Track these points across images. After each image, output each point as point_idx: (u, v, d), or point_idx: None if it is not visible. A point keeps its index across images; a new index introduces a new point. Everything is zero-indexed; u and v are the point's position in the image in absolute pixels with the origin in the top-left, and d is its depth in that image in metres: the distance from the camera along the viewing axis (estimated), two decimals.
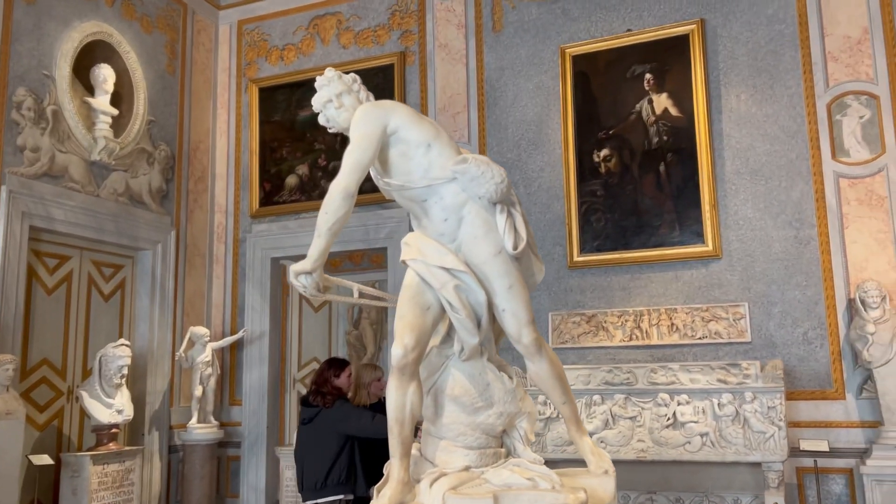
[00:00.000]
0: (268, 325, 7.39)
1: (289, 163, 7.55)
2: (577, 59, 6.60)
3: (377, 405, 5.05)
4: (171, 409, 7.04)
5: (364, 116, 2.79)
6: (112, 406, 6.08)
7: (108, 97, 6.61)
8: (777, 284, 5.84)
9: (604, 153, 6.42)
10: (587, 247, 6.36)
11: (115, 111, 6.64)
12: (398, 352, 2.64)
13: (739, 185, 6.04)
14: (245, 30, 7.97)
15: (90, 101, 6.47)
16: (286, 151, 7.57)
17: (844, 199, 5.75)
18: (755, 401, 5.29)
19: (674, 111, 6.26)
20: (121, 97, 6.79)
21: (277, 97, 7.67)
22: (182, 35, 7.61)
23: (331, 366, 4.93)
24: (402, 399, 2.66)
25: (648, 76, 6.36)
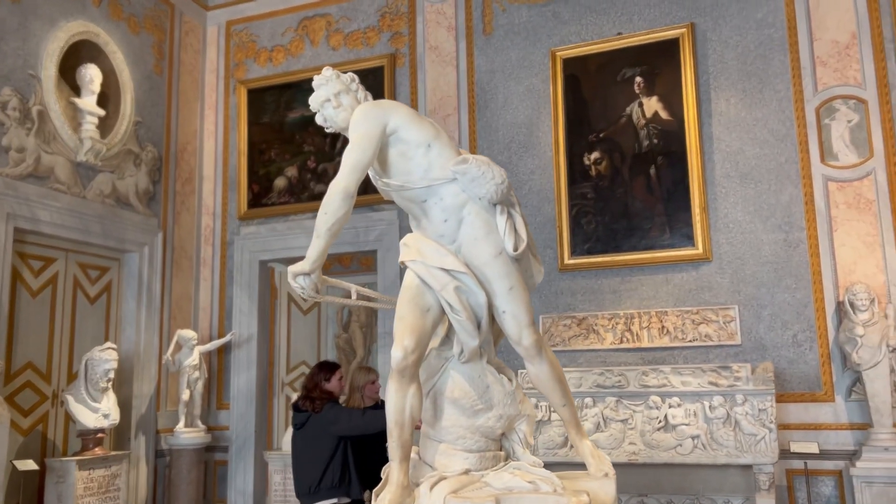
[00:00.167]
0: (256, 328, 7.33)
1: (277, 165, 7.50)
2: (568, 63, 6.61)
3: (372, 409, 5.02)
4: (158, 414, 6.96)
5: (363, 116, 2.77)
6: (98, 410, 6.00)
7: (95, 98, 6.53)
8: (767, 287, 5.86)
9: (594, 156, 6.43)
10: (578, 249, 6.36)
11: (102, 112, 6.56)
12: (398, 354, 2.62)
13: (729, 189, 6.06)
14: (233, 31, 7.91)
15: (76, 102, 6.39)
16: (275, 153, 7.52)
17: (833, 203, 5.78)
18: (746, 403, 5.31)
19: (664, 114, 6.28)
20: (107, 98, 6.72)
21: (266, 99, 7.62)
22: (169, 36, 7.54)
23: (321, 369, 4.89)
24: (402, 402, 2.64)
25: (639, 79, 6.38)
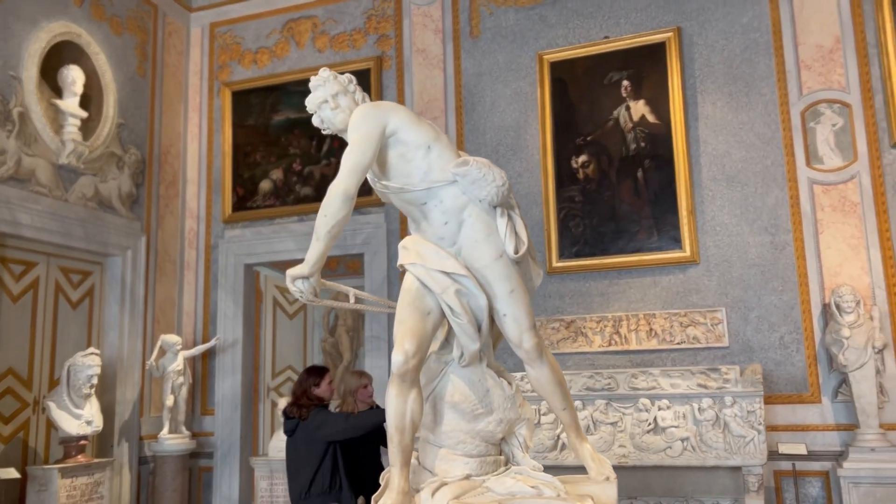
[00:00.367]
0: (241, 333, 7.25)
1: (262, 167, 7.43)
2: (555, 66, 6.61)
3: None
4: (142, 420, 6.86)
5: (363, 117, 2.73)
6: (81, 417, 5.89)
7: (77, 99, 6.43)
8: (754, 290, 5.90)
9: (582, 159, 6.44)
10: (566, 252, 6.37)
11: (84, 114, 6.46)
12: (399, 358, 2.58)
13: (716, 192, 6.10)
14: (217, 32, 7.84)
15: (58, 104, 6.29)
16: (260, 156, 7.46)
17: (819, 206, 5.84)
18: (735, 405, 5.33)
19: (651, 118, 6.30)
20: (90, 99, 6.62)
21: (251, 101, 7.55)
22: (153, 37, 7.45)
23: (309, 375, 4.84)
24: (403, 407, 2.60)
25: (626, 83, 6.40)
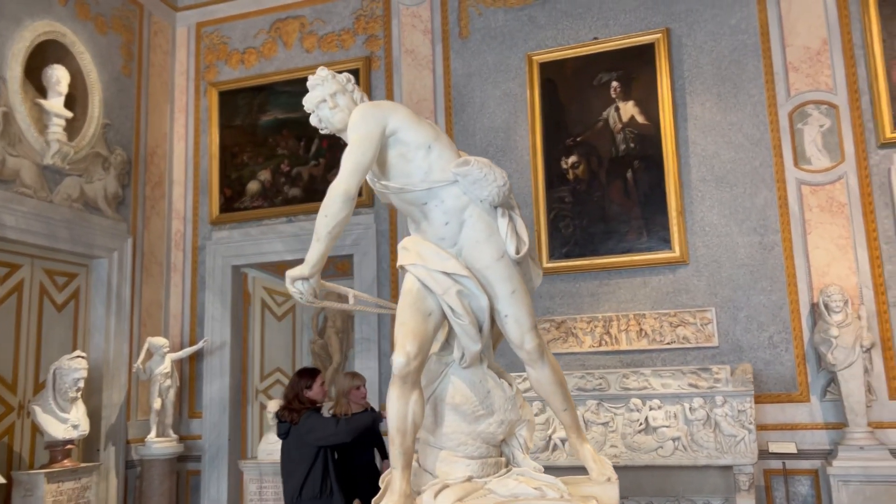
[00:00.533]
0: (229, 335, 7.19)
1: (250, 168, 7.38)
2: (545, 67, 6.62)
3: (362, 414, 4.94)
4: (129, 423, 6.78)
5: (363, 117, 2.71)
6: (67, 421, 5.81)
7: (62, 99, 6.34)
8: (743, 290, 5.93)
9: (572, 160, 6.45)
10: (556, 253, 6.37)
11: (69, 114, 6.38)
12: (400, 360, 2.56)
13: (705, 192, 6.12)
14: (204, 32, 7.77)
15: (42, 103, 6.21)
16: (247, 157, 7.40)
17: (807, 206, 5.88)
18: (725, 405, 5.36)
19: (640, 119, 6.32)
20: (75, 99, 6.54)
21: (238, 101, 7.49)
22: (138, 36, 7.37)
23: (301, 377, 4.81)
24: (405, 409, 2.58)
25: (615, 84, 6.41)
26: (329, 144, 7.08)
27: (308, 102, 2.90)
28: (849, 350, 5.40)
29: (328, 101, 2.84)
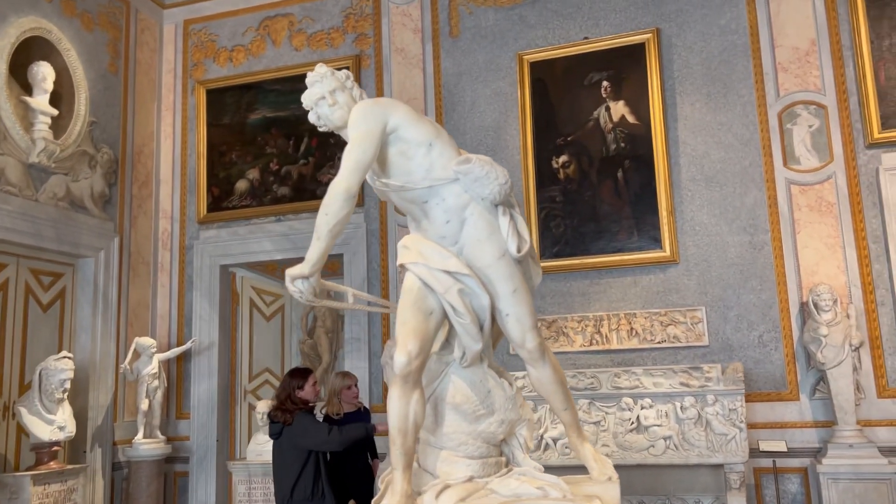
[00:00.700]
0: (217, 335, 7.13)
1: (238, 167, 7.32)
2: (535, 66, 6.61)
3: (355, 414, 4.92)
4: (115, 425, 6.70)
5: (363, 114, 2.68)
6: (53, 422, 5.74)
7: (48, 96, 6.27)
8: (733, 289, 5.95)
9: (562, 159, 6.45)
10: (546, 252, 6.36)
11: (55, 111, 6.31)
12: (402, 359, 2.54)
13: (695, 192, 6.14)
14: (191, 30, 7.70)
15: (28, 101, 6.13)
16: (236, 155, 7.34)
17: (796, 206, 5.91)
18: (717, 403, 5.38)
19: (631, 118, 6.33)
20: (60, 97, 6.46)
21: (226, 99, 7.43)
22: (125, 33, 7.29)
23: (293, 377, 4.78)
24: (406, 408, 2.56)
25: (605, 83, 6.42)
26: (319, 143, 7.04)
27: (306, 99, 2.87)
28: (838, 349, 5.44)
29: (327, 98, 2.81)
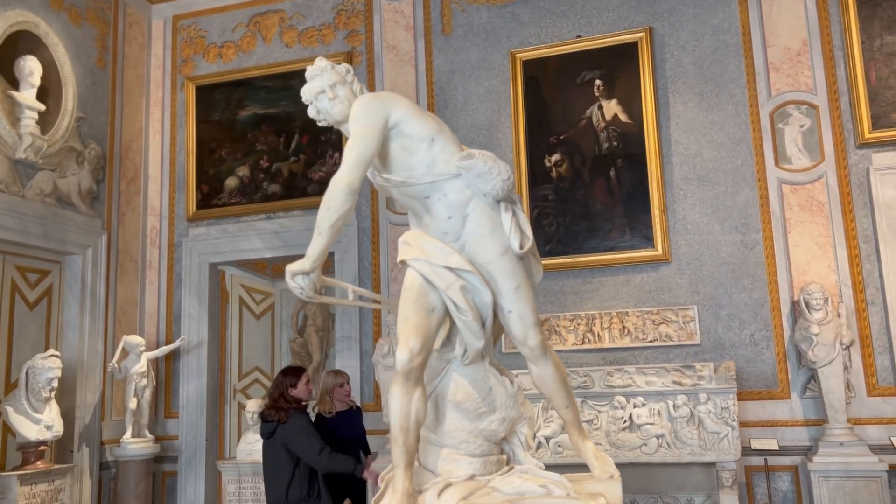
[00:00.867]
0: (206, 334, 7.06)
1: (228, 164, 7.25)
2: (528, 64, 6.60)
3: (347, 413, 4.89)
4: (103, 424, 6.62)
5: (365, 108, 2.65)
6: (40, 422, 5.66)
7: (35, 91, 6.19)
8: (724, 288, 5.97)
9: (555, 158, 6.44)
10: (539, 251, 6.29)
11: (42, 107, 6.22)
12: (404, 356, 2.51)
13: (687, 191, 6.15)
14: (181, 25, 7.63)
15: (14, 95, 6.04)
16: (225, 152, 7.27)
17: (787, 205, 5.93)
18: (709, 402, 5.39)
19: (623, 117, 6.33)
20: (48, 92, 6.37)
21: (216, 96, 7.36)
22: (113, 28, 7.20)
23: (286, 375, 4.73)
24: (407, 406, 2.53)
25: (598, 82, 6.42)
26: (310, 140, 7.00)
27: (306, 93, 2.83)
28: (829, 347, 5.46)
29: (327, 92, 2.77)
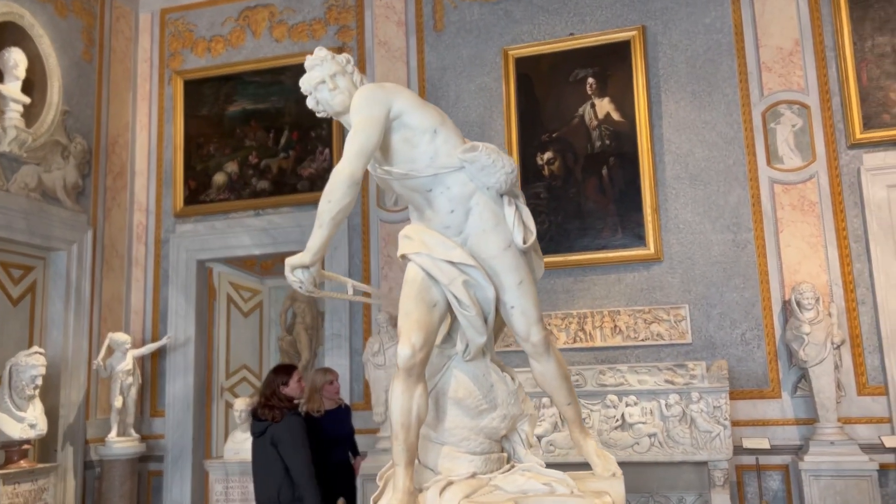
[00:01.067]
0: (193, 331, 6.97)
1: (216, 160, 7.16)
2: (520, 62, 6.57)
3: (336, 411, 4.84)
4: (88, 422, 6.52)
5: (366, 99, 2.60)
6: (24, 420, 5.57)
7: (19, 84, 6.08)
8: (716, 287, 5.97)
9: (547, 156, 6.41)
10: None
11: (27, 99, 6.12)
12: (406, 352, 2.46)
13: (679, 190, 6.15)
14: (168, 19, 7.53)
15: None
16: (213, 148, 7.18)
17: (779, 205, 5.94)
18: (701, 401, 5.38)
19: (616, 116, 6.31)
20: (33, 84, 6.26)
21: (204, 91, 7.27)
22: (100, 21, 7.10)
23: (277, 373, 4.68)
24: (409, 403, 2.48)
25: (591, 80, 6.40)
26: (299, 136, 6.93)
27: (305, 84, 2.77)
28: (820, 347, 5.47)
29: (328, 83, 2.72)
